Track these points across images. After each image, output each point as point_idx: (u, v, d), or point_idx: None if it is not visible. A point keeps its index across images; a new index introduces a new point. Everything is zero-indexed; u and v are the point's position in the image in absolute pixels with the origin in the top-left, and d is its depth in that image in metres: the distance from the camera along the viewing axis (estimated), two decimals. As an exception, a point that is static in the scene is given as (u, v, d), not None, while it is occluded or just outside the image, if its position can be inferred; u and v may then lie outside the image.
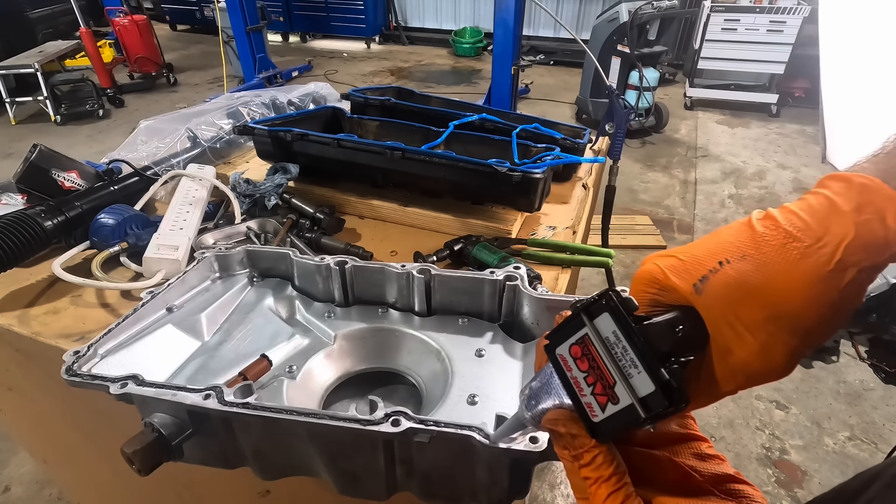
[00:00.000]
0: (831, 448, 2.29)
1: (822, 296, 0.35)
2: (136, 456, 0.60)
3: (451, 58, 8.86)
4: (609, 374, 0.38)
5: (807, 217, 0.36)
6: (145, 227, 1.14)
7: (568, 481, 0.43)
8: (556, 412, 0.44)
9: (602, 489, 0.41)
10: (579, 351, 0.41)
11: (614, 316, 0.38)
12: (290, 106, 1.82)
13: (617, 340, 0.38)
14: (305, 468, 0.69)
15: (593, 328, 0.40)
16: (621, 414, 0.37)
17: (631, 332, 0.37)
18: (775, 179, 4.70)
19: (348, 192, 1.34)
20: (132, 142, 1.51)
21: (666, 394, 0.35)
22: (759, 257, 0.37)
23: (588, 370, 0.40)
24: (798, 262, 0.35)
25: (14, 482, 2.14)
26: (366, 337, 0.87)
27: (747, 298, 0.36)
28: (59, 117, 5.69)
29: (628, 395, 0.37)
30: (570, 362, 0.41)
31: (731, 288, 0.37)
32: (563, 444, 0.43)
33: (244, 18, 6.03)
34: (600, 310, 0.39)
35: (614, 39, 5.06)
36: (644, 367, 0.36)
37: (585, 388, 0.40)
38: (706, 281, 0.38)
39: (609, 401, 0.38)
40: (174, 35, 10.19)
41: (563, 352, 0.42)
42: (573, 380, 0.41)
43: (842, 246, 0.34)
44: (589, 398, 0.40)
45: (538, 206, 1.22)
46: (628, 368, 0.37)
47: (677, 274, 0.40)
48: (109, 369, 0.73)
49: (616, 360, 0.38)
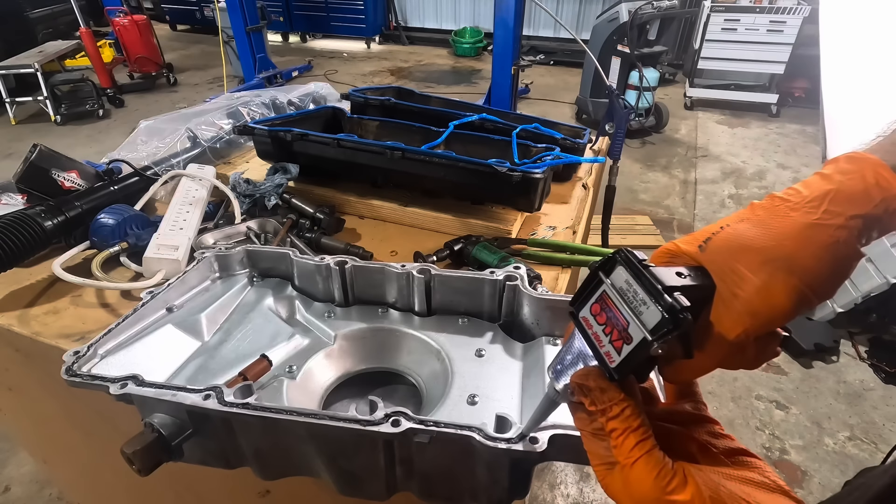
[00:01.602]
0: (831, 448, 2.29)
1: (815, 238, 0.39)
2: (136, 456, 0.60)
3: (451, 58, 8.85)
4: (623, 319, 0.41)
5: (799, 187, 0.42)
6: (145, 227, 1.14)
7: (568, 481, 0.44)
8: (584, 370, 0.46)
9: (630, 439, 0.43)
10: (598, 308, 0.44)
11: (626, 265, 0.42)
12: (290, 106, 1.82)
13: (629, 287, 0.41)
14: (305, 468, 0.69)
15: (610, 283, 0.43)
16: (635, 349, 0.40)
17: (640, 274, 0.41)
18: (775, 179, 4.70)
19: (348, 192, 1.34)
20: (132, 142, 1.51)
21: (670, 315, 0.38)
22: (754, 218, 0.42)
23: (606, 322, 0.43)
24: (788, 214, 0.40)
25: (14, 482, 2.14)
26: (366, 337, 0.87)
27: (745, 248, 0.41)
28: (59, 117, 5.69)
29: (640, 330, 0.39)
30: (591, 321, 0.44)
31: (730, 241, 0.42)
32: (592, 399, 0.45)
33: (244, 18, 6.03)
34: (614, 264, 0.43)
35: (614, 39, 5.05)
36: (650, 299, 0.39)
37: (604, 338, 0.43)
38: (709, 241, 0.43)
39: (624, 342, 0.41)
40: (174, 35, 10.19)
41: (585, 314, 0.45)
42: (594, 335, 0.44)
43: (826, 199, 0.39)
44: (607, 347, 0.42)
45: (538, 206, 1.22)
46: (639, 307, 0.40)
47: (685, 242, 0.45)
48: (109, 369, 0.73)
49: (629, 303, 0.41)
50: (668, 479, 0.41)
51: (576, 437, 0.57)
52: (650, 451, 0.42)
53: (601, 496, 2.10)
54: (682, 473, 0.42)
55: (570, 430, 0.57)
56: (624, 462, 0.43)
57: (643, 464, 0.42)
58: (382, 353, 0.86)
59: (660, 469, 0.42)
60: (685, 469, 0.42)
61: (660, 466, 0.42)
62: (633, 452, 0.42)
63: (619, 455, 0.43)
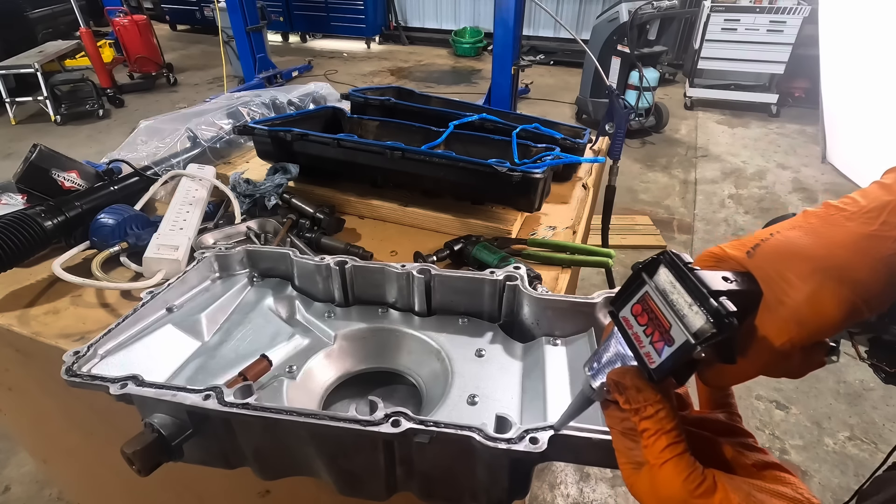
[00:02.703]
0: (831, 448, 2.28)
1: (871, 250, 0.37)
2: (136, 456, 0.60)
3: (451, 58, 8.86)
4: (665, 320, 0.41)
5: (856, 196, 0.40)
6: (145, 227, 1.14)
7: (568, 481, 0.44)
8: (621, 368, 0.46)
9: (661, 440, 0.42)
10: (640, 308, 0.43)
11: (671, 267, 0.41)
12: (290, 106, 1.82)
13: (673, 288, 0.41)
14: (305, 468, 0.69)
15: (652, 284, 0.42)
16: (677, 352, 0.39)
17: (685, 277, 0.40)
18: (775, 179, 4.70)
19: (348, 192, 1.34)
20: (132, 142, 1.51)
21: (715, 319, 0.37)
22: (806, 226, 0.41)
23: (647, 323, 0.42)
24: (843, 224, 0.39)
25: (14, 482, 2.14)
26: (366, 337, 0.87)
27: (796, 255, 0.40)
28: (59, 117, 5.69)
29: (682, 333, 0.39)
30: (632, 321, 0.44)
31: (780, 248, 0.41)
32: (627, 397, 0.44)
33: (244, 18, 6.03)
34: (658, 265, 0.42)
35: (614, 39, 5.06)
36: (695, 302, 0.38)
37: (644, 339, 0.42)
38: (758, 247, 0.42)
39: (665, 344, 0.40)
40: (174, 35, 10.19)
41: (625, 314, 0.45)
42: (634, 336, 0.43)
43: (886, 210, 0.38)
44: (647, 348, 0.42)
45: (538, 206, 1.22)
46: (682, 310, 0.39)
47: (731, 246, 0.44)
48: (109, 369, 0.73)
49: (672, 306, 0.40)
50: (698, 483, 0.41)
51: (576, 438, 0.57)
52: (681, 454, 0.42)
53: (601, 496, 2.10)
54: (711, 479, 0.41)
55: (570, 431, 0.57)
56: (653, 462, 0.43)
57: (673, 466, 0.41)
58: (382, 353, 0.86)
59: (689, 472, 0.41)
60: (715, 475, 0.42)
61: (690, 470, 0.41)
62: (663, 454, 0.42)
63: (649, 455, 0.43)
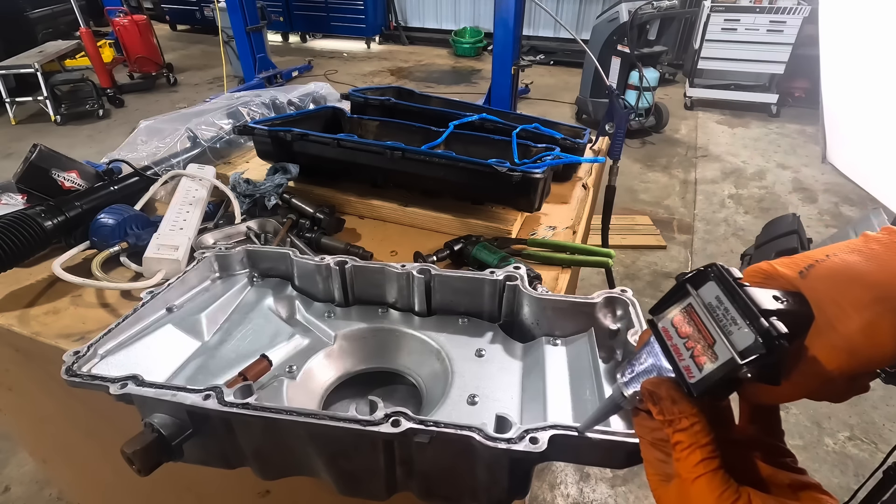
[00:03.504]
0: (831, 448, 2.28)
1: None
2: (136, 456, 0.60)
3: (451, 58, 8.85)
4: (709, 335, 0.39)
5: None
6: (145, 227, 1.14)
7: (568, 481, 0.43)
8: (656, 378, 0.44)
9: (695, 454, 0.41)
10: (681, 320, 0.42)
11: (719, 281, 0.40)
12: (290, 106, 1.82)
13: (719, 303, 0.40)
14: (305, 468, 0.69)
15: (697, 297, 0.41)
16: (720, 369, 0.38)
17: (734, 292, 0.39)
18: (775, 179, 4.70)
19: (348, 192, 1.34)
20: (132, 142, 1.51)
21: (765, 340, 0.36)
22: (867, 251, 0.39)
23: (689, 336, 0.41)
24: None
25: (14, 482, 2.14)
26: (366, 337, 0.87)
27: (853, 281, 0.37)
28: (59, 117, 5.69)
29: (728, 350, 0.38)
30: (672, 332, 0.43)
31: (837, 272, 0.38)
32: (661, 408, 0.43)
33: (244, 18, 6.03)
34: (705, 278, 0.41)
35: (614, 39, 5.06)
36: (744, 321, 0.37)
37: (684, 352, 0.41)
38: (812, 268, 0.40)
39: (707, 360, 0.39)
40: (174, 35, 10.19)
41: (665, 324, 0.44)
42: (673, 347, 0.42)
43: None
44: (687, 361, 0.41)
45: (538, 206, 1.22)
46: (729, 326, 0.38)
47: (783, 264, 0.42)
48: (109, 369, 0.73)
49: (717, 321, 0.39)
50: (731, 502, 0.39)
51: (576, 438, 0.57)
52: (715, 470, 0.40)
53: (601, 496, 2.10)
54: (746, 497, 0.40)
55: (570, 431, 0.57)
56: (686, 476, 0.41)
57: (706, 482, 0.40)
58: (382, 353, 0.86)
59: (723, 490, 0.40)
60: (750, 494, 0.40)
61: (724, 487, 0.40)
62: (696, 468, 0.41)
63: (681, 469, 0.42)
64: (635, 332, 0.72)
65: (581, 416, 0.68)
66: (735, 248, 3.68)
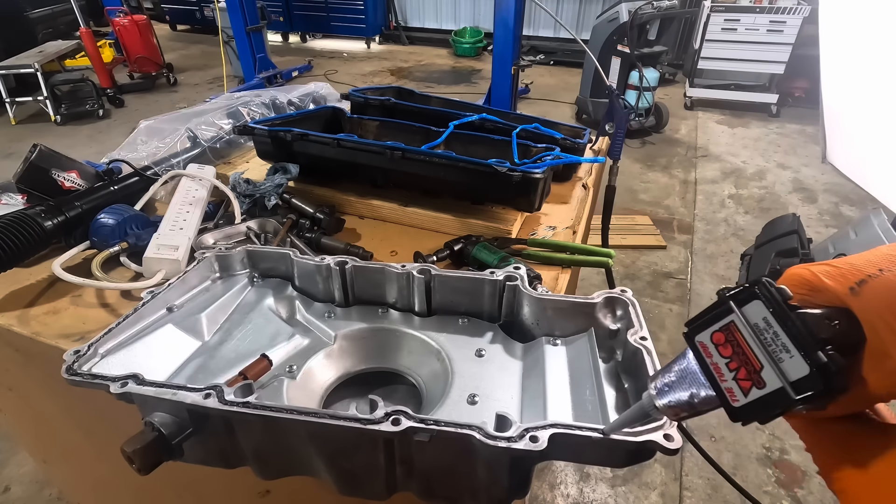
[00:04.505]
0: (831, 448, 2.28)
1: None
2: (136, 455, 0.60)
3: (451, 58, 8.86)
4: (755, 360, 0.38)
5: None
6: (145, 227, 1.14)
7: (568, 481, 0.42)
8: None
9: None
10: (722, 338, 0.41)
11: (767, 302, 0.38)
12: (290, 106, 1.82)
13: (767, 326, 0.38)
14: (305, 468, 0.69)
15: (741, 315, 0.39)
16: (768, 397, 0.37)
17: (785, 318, 0.37)
18: (775, 179, 4.70)
19: (348, 192, 1.34)
20: (132, 142, 1.51)
21: (823, 376, 0.34)
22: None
23: (731, 356, 0.40)
24: None
25: (14, 482, 2.14)
26: (366, 337, 0.87)
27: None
28: (59, 117, 5.69)
29: (778, 379, 0.36)
30: (711, 349, 0.41)
31: (893, 292, 0.35)
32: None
33: (244, 18, 6.04)
34: (751, 297, 0.39)
35: (614, 39, 5.06)
36: (798, 351, 0.36)
37: (727, 373, 0.40)
38: (864, 284, 0.36)
39: (753, 385, 0.38)
40: (174, 35, 10.20)
41: (703, 339, 0.42)
42: (713, 366, 0.41)
43: None
44: (730, 383, 0.40)
45: (538, 206, 1.22)
46: (779, 353, 0.37)
47: (831, 277, 0.38)
48: (110, 369, 0.73)
49: (765, 345, 0.38)
50: None
51: (576, 437, 0.56)
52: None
53: (601, 496, 2.10)
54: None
55: (570, 431, 0.57)
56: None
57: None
58: (382, 353, 0.86)
59: None
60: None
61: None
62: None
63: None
64: (635, 331, 0.72)
65: (581, 416, 0.68)
66: (735, 248, 3.68)
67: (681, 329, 3.12)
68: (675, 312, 3.10)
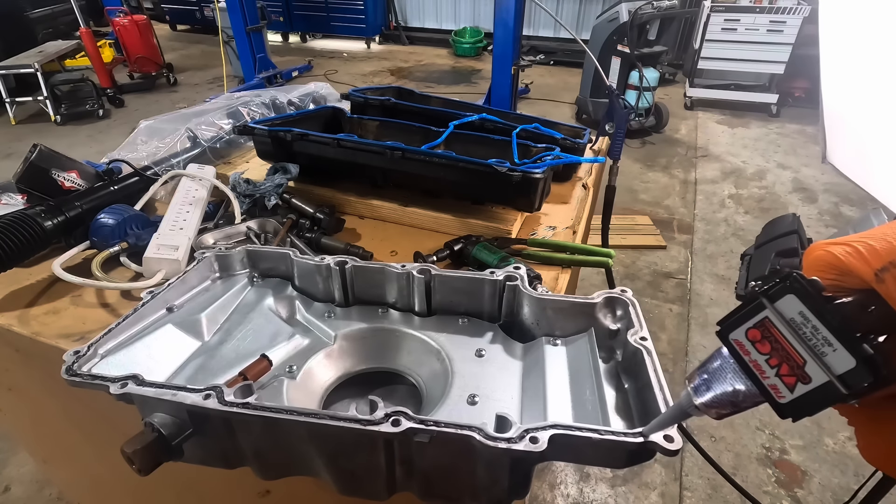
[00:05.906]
0: (831, 448, 2.28)
1: None
2: (136, 456, 0.60)
3: (451, 58, 8.86)
4: (797, 355, 0.38)
5: None
6: (145, 227, 1.14)
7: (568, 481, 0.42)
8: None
9: None
10: (758, 334, 0.40)
11: (802, 296, 0.38)
12: (290, 106, 1.82)
13: (805, 321, 0.37)
14: (305, 468, 0.69)
15: (775, 311, 0.39)
16: (816, 392, 0.37)
17: (823, 311, 0.36)
18: (775, 179, 4.70)
19: (348, 192, 1.34)
20: (132, 142, 1.51)
21: (870, 368, 0.34)
22: None
23: (770, 352, 0.39)
24: None
25: (14, 482, 2.14)
26: (366, 337, 0.87)
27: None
28: (59, 117, 5.69)
29: (824, 374, 0.36)
30: (748, 346, 0.41)
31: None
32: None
33: (244, 18, 6.04)
34: (784, 291, 0.39)
35: (614, 39, 5.06)
36: (842, 344, 0.35)
37: (768, 370, 0.40)
38: (887, 272, 0.36)
39: (798, 381, 0.38)
40: (174, 35, 10.20)
41: (738, 336, 0.42)
42: (753, 363, 0.41)
43: None
44: (773, 380, 0.39)
45: (538, 206, 1.22)
46: (821, 347, 0.36)
47: (856, 257, 0.38)
48: (109, 369, 0.73)
49: (805, 340, 0.37)
50: None
51: (576, 437, 0.56)
52: None
53: (601, 496, 2.10)
54: None
55: (570, 431, 0.57)
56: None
57: None
58: (382, 353, 0.86)
59: None
60: None
61: None
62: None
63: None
64: (635, 332, 0.72)
65: (581, 416, 0.68)
66: (735, 248, 3.68)
67: (681, 329, 3.12)
68: (675, 312, 3.10)
